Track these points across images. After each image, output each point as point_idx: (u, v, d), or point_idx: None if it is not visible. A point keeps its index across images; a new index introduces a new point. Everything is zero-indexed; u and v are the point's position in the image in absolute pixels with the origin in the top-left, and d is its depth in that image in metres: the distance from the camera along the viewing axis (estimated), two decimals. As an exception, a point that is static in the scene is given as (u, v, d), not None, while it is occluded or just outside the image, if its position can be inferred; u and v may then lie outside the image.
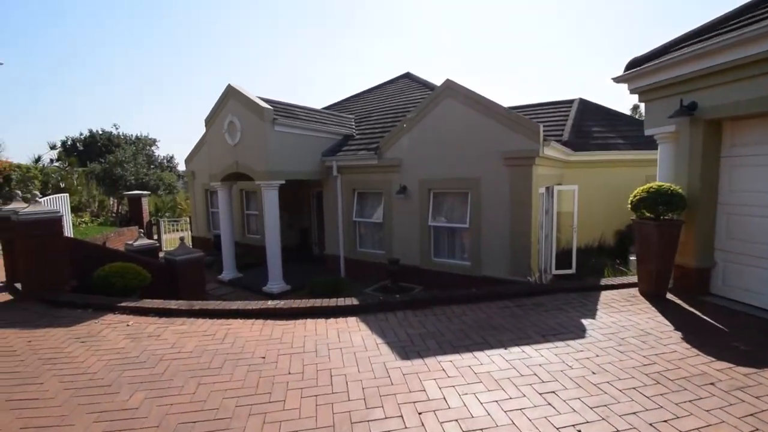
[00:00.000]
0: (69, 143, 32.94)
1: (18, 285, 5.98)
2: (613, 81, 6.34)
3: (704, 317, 4.58)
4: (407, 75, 15.78)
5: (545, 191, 8.54)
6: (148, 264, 6.73)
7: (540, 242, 8.29)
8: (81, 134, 33.74)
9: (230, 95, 9.43)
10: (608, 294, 5.52)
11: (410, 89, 13.83)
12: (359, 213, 10.13)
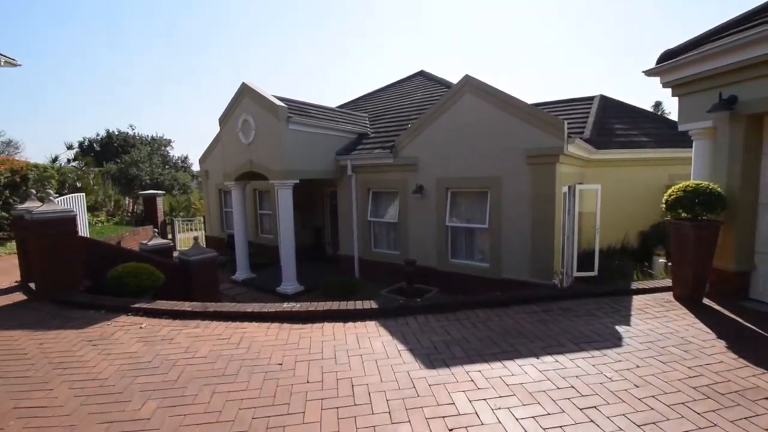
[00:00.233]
0: (86, 144, 33.44)
1: (32, 285, 5.92)
2: (645, 74, 6.03)
3: (747, 324, 4.27)
4: (421, 73, 15.53)
5: (567, 190, 8.24)
6: (162, 264, 6.63)
7: (562, 243, 7.98)
8: (98, 135, 34.24)
9: (244, 93, 9.31)
10: (641, 298, 5.22)
11: (425, 87, 13.59)
12: (374, 213, 9.93)
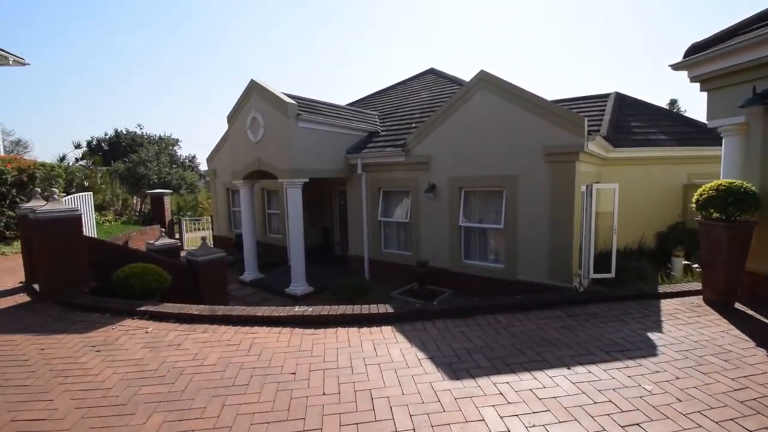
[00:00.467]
0: (94, 143, 33.56)
1: (36, 286, 5.77)
2: (671, 68, 5.75)
3: (788, 331, 4.00)
4: (431, 71, 15.29)
5: (585, 190, 7.97)
6: (169, 264, 6.46)
7: (580, 244, 7.72)
8: (106, 134, 34.35)
9: (253, 90, 9.13)
10: (669, 303, 4.95)
11: (436, 84, 13.35)
12: (384, 212, 9.71)
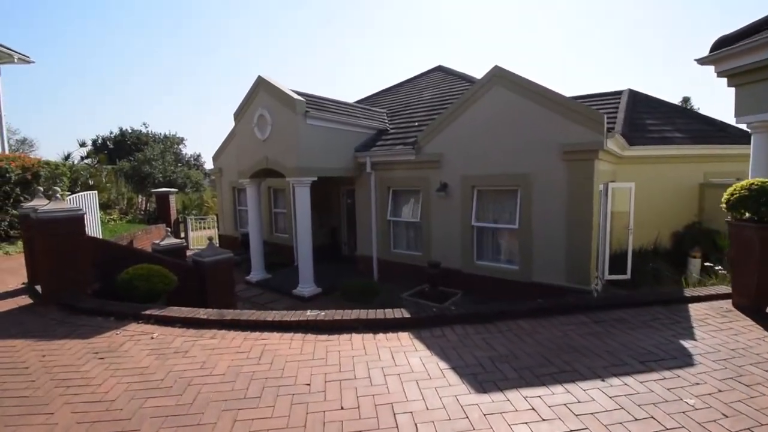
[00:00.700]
0: (99, 142, 33.52)
1: (38, 287, 5.61)
2: (697, 63, 5.51)
3: (830, 339, 3.76)
4: (440, 68, 15.05)
5: (602, 189, 7.72)
6: (175, 265, 6.28)
7: (597, 245, 7.48)
8: (111, 132, 34.30)
9: (260, 87, 8.93)
10: (697, 307, 4.71)
11: (445, 82, 13.11)
12: (394, 212, 9.49)
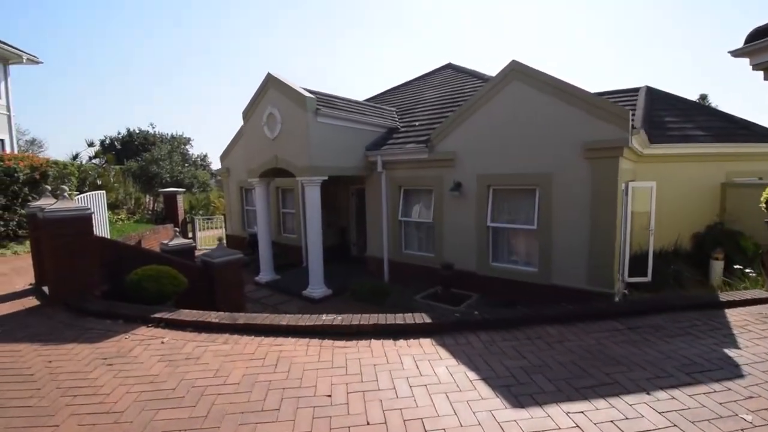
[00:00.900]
0: (107, 142, 33.62)
1: (46, 289, 5.46)
2: (731, 55, 5.24)
3: None
4: (449, 65, 14.83)
5: (623, 188, 7.46)
6: (184, 266, 6.11)
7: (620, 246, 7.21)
8: (119, 133, 34.39)
9: (270, 85, 8.75)
10: (735, 313, 4.46)
11: (456, 79, 12.87)
12: (405, 212, 9.27)
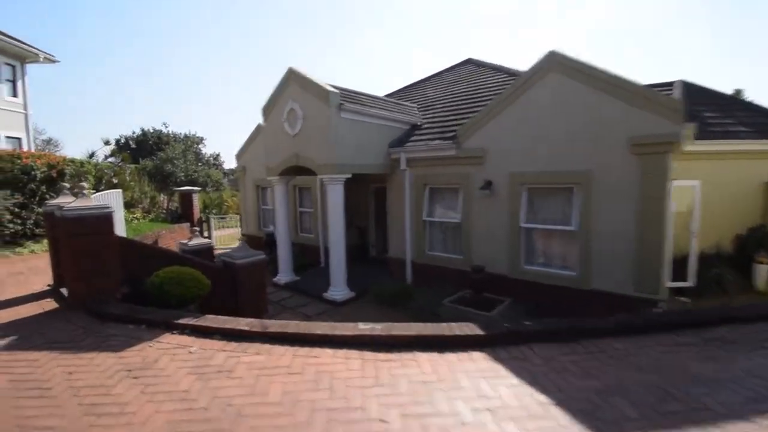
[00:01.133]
0: (122, 141, 33.83)
1: (64, 290, 5.22)
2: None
3: None
4: (470, 61, 14.43)
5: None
6: (206, 267, 5.83)
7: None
8: (133, 132, 34.59)
9: (291, 80, 8.45)
10: (811, 325, 4.03)
11: (478, 74, 12.46)
12: (430, 212, 8.91)
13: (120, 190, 14.50)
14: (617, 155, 6.14)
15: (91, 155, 17.58)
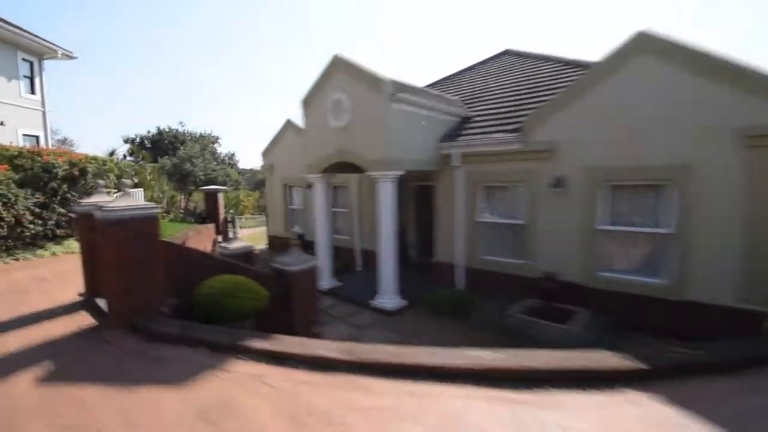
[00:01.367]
0: (138, 140, 33.49)
1: (101, 302, 4.57)
2: None
3: None
4: (507, 51, 13.67)
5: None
6: (256, 275, 5.16)
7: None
8: (149, 132, 34.22)
9: (336, 68, 7.73)
10: None
11: (521, 64, 11.70)
12: (486, 212, 8.15)
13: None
14: (722, 148, 5.33)
15: (112, 153, 17.11)
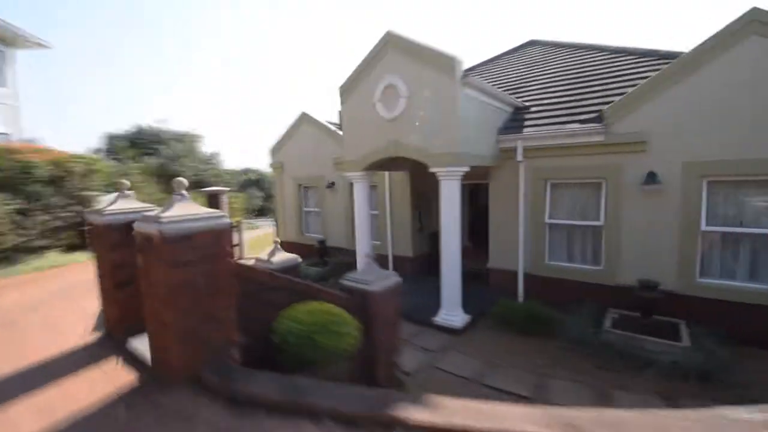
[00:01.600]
0: (113, 139, 31.17)
1: (137, 343, 3.37)
2: None
3: None
4: (533, 42, 12.92)
5: None
6: (334, 300, 4.06)
7: None
8: (126, 130, 31.91)
9: (390, 47, 6.53)
10: None
11: (556, 53, 10.95)
12: (554, 213, 7.24)
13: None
14: None
15: (97, 152, 15.43)
